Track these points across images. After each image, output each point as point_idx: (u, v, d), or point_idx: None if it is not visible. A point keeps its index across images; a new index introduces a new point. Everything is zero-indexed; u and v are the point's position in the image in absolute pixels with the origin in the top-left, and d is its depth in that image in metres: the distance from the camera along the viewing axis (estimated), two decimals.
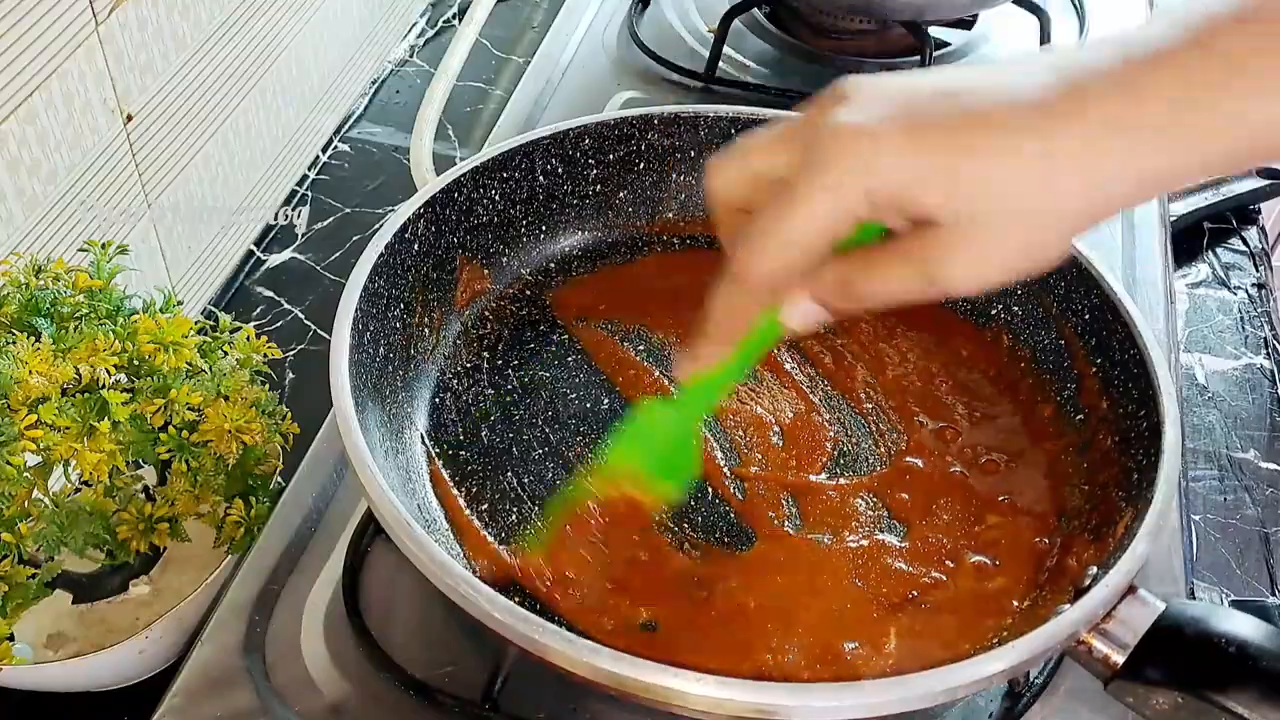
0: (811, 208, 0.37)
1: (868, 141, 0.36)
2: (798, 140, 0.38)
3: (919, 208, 0.36)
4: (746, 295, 0.41)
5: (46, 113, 0.63)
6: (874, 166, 0.36)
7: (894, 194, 0.36)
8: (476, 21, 0.96)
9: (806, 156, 0.37)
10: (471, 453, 0.57)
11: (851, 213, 0.37)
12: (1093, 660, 0.44)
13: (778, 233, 0.38)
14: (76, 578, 0.60)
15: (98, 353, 0.53)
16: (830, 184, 0.36)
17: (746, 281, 0.40)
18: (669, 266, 0.67)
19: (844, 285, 0.39)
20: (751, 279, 0.39)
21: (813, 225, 0.37)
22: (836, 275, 0.39)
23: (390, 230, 0.57)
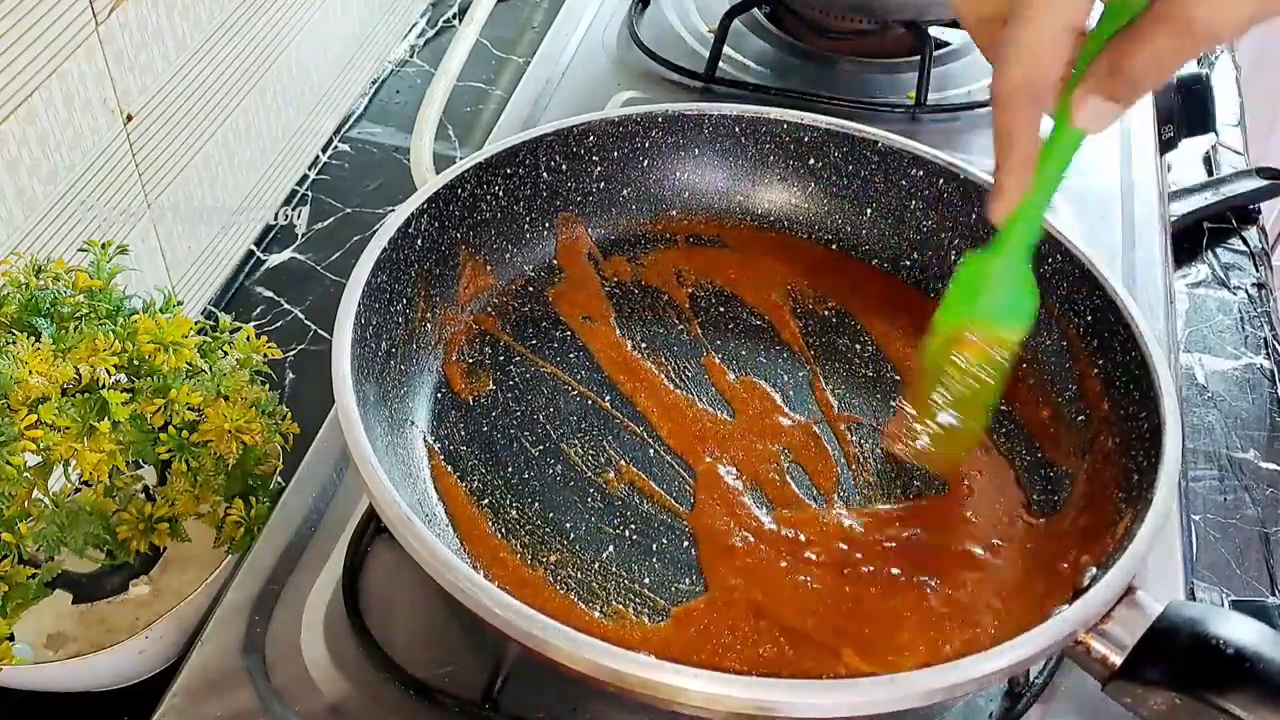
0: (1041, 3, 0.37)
1: None
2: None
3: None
4: (1023, 108, 0.41)
5: (46, 113, 0.63)
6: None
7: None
8: (476, 21, 0.96)
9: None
10: (473, 449, 0.57)
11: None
12: (1091, 661, 0.44)
13: (1025, 35, 0.38)
14: (76, 578, 0.60)
15: (98, 353, 0.53)
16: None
17: (1003, 98, 0.40)
18: (672, 265, 0.67)
19: (1116, 69, 0.39)
20: (1006, 94, 0.40)
21: (1052, 19, 0.37)
22: (1106, 62, 0.39)
23: (394, 225, 0.57)
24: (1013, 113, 0.41)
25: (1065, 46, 0.38)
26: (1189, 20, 0.37)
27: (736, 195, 0.69)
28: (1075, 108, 0.41)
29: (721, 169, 0.68)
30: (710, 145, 0.68)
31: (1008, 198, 0.44)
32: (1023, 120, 0.41)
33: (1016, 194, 0.44)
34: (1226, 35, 0.37)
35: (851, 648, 0.48)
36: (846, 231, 0.68)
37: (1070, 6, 0.37)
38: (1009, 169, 0.43)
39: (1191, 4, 0.36)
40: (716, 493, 0.55)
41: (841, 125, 0.66)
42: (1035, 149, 0.42)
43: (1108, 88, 0.40)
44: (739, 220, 0.69)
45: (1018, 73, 0.39)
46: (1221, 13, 0.37)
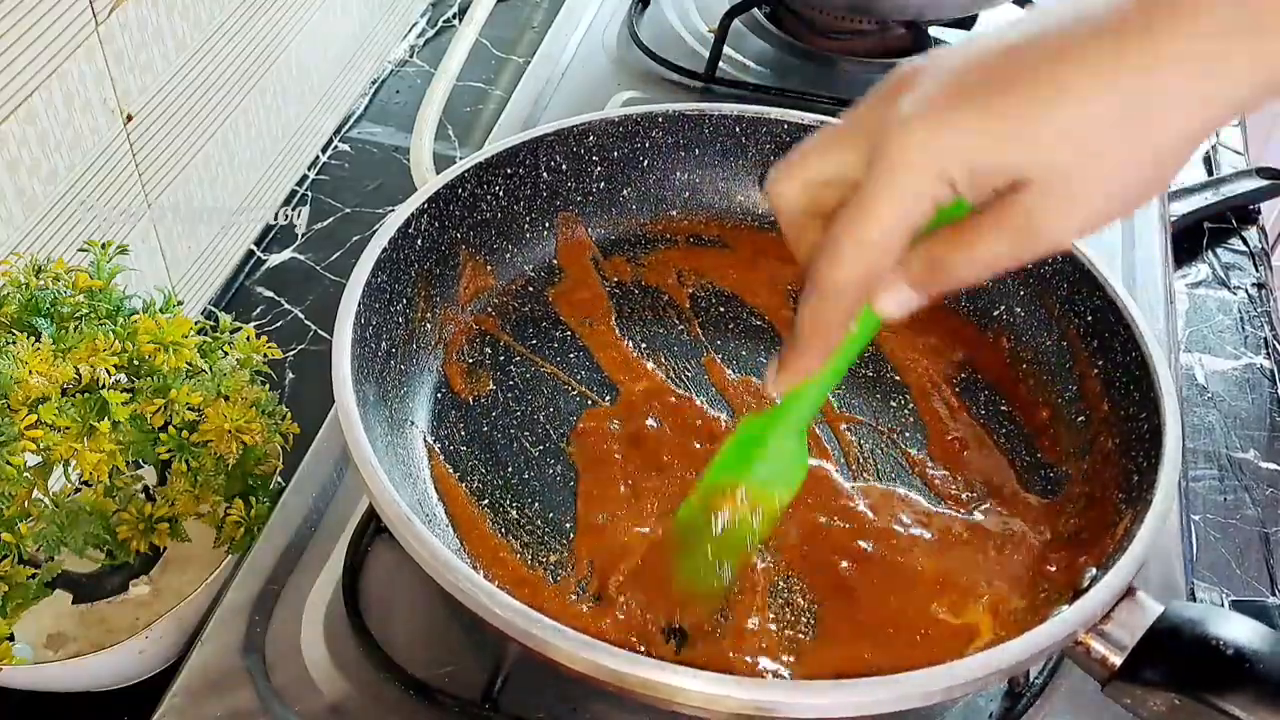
0: (889, 204, 0.36)
1: (936, 123, 0.35)
2: (860, 136, 0.37)
3: (1005, 172, 0.34)
4: (837, 304, 0.39)
5: (46, 113, 0.63)
6: (949, 147, 0.34)
7: (976, 167, 0.34)
8: (476, 21, 0.97)
9: (875, 152, 0.36)
10: (473, 449, 0.57)
11: (932, 199, 0.35)
12: (1091, 661, 0.44)
13: (858, 237, 0.37)
14: (76, 578, 0.60)
15: (98, 353, 0.53)
16: (908, 173, 0.35)
17: (833, 292, 0.38)
18: (672, 265, 0.67)
19: (938, 266, 0.38)
20: (838, 288, 0.38)
21: (893, 221, 0.36)
22: (928, 258, 0.38)
23: (394, 225, 0.57)
24: (838, 305, 0.39)
25: (903, 244, 0.37)
26: (1032, 230, 0.35)
27: (737, 195, 0.69)
28: (882, 296, 0.39)
29: (722, 169, 0.68)
30: (711, 145, 0.68)
31: (795, 378, 0.42)
32: (843, 312, 0.39)
33: (806, 376, 0.42)
34: (1067, 244, 0.36)
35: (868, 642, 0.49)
36: None
37: (918, 206, 0.36)
38: (809, 353, 0.41)
39: (1038, 215, 0.35)
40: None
41: None
42: (840, 339, 0.41)
43: (921, 280, 0.39)
44: (739, 220, 0.69)
45: (854, 268, 0.37)
46: (1071, 223, 0.35)
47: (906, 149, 0.35)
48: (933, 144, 0.35)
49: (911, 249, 0.37)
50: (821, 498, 0.55)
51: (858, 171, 0.37)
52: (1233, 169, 0.94)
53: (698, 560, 0.49)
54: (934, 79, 0.36)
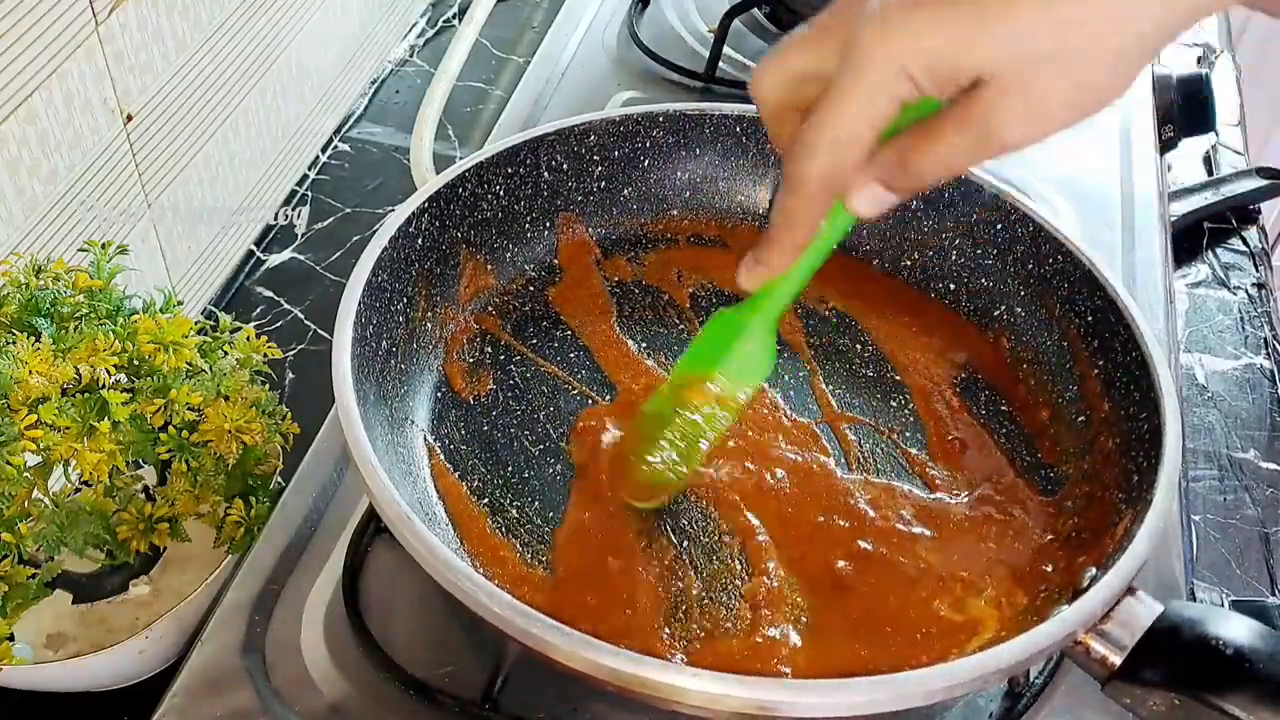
0: (856, 99, 0.37)
1: (901, 19, 0.36)
2: (833, 33, 0.39)
3: (966, 70, 0.36)
4: (808, 198, 0.40)
5: (46, 113, 0.63)
6: (915, 42, 0.36)
7: (938, 63, 0.36)
8: (476, 21, 0.97)
9: (845, 49, 0.37)
10: (473, 448, 0.57)
11: (898, 95, 0.37)
12: (1091, 661, 0.44)
13: (828, 130, 0.38)
14: (76, 578, 0.60)
15: (98, 353, 0.53)
16: (873, 71, 0.37)
17: (804, 184, 0.40)
18: (673, 264, 0.67)
19: (903, 162, 0.39)
20: (809, 181, 0.39)
21: (862, 116, 0.37)
22: (895, 154, 0.39)
23: (394, 224, 0.57)
24: (806, 199, 0.40)
25: (871, 140, 0.38)
26: (991, 130, 0.37)
27: (737, 195, 0.69)
28: (854, 194, 0.41)
29: (722, 169, 0.68)
30: (711, 145, 0.68)
31: (769, 272, 0.44)
32: (814, 207, 0.41)
33: (779, 270, 0.44)
34: (1025, 145, 0.37)
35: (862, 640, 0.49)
36: None
37: (883, 102, 0.37)
38: (781, 247, 0.43)
39: (997, 115, 0.36)
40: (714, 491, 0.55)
41: None
42: (813, 233, 0.42)
43: (891, 178, 0.40)
44: (740, 220, 0.69)
45: (824, 162, 0.39)
46: (1025, 129, 0.37)
47: (871, 46, 0.37)
48: (896, 41, 0.36)
49: (881, 147, 0.39)
50: (821, 496, 0.55)
51: (832, 67, 0.38)
52: (1233, 169, 0.94)
53: (662, 448, 0.51)
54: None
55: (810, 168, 0.39)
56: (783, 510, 0.54)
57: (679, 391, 0.51)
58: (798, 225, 0.42)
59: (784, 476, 0.56)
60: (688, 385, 0.51)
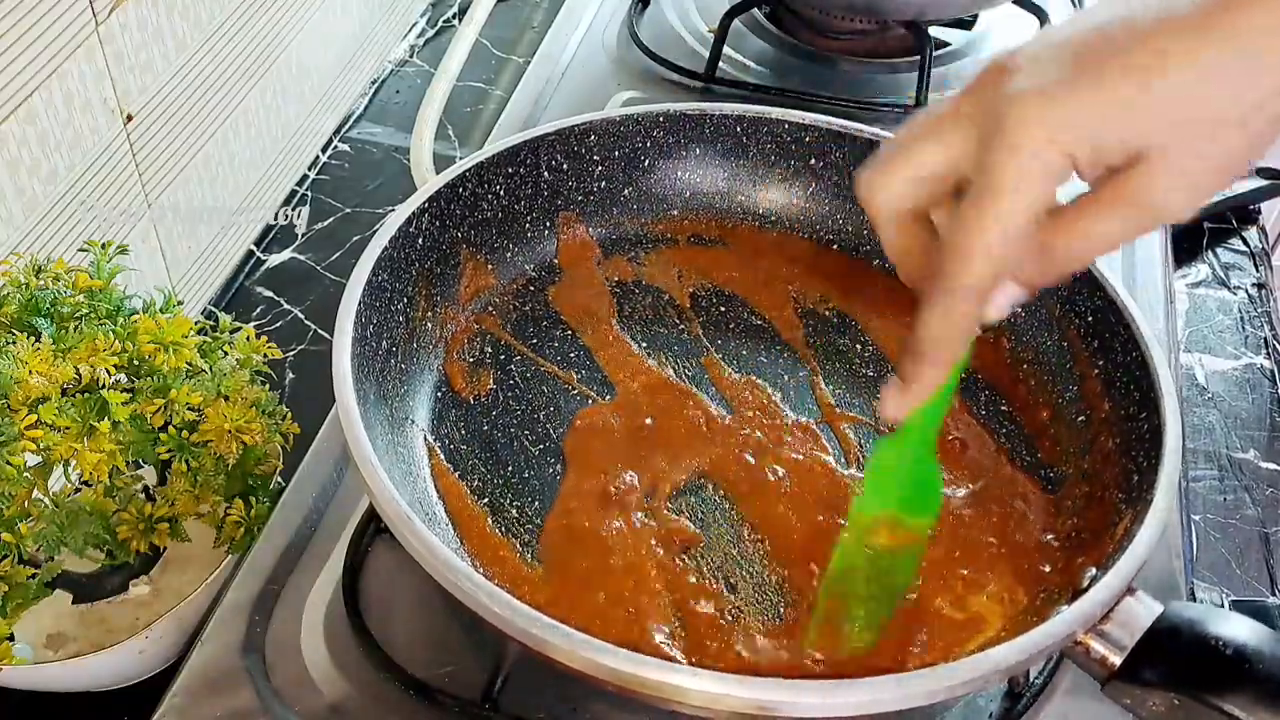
0: (1015, 189, 0.35)
1: (1052, 100, 0.34)
2: (968, 123, 0.36)
3: (1127, 144, 0.34)
4: (970, 303, 0.37)
5: (46, 113, 0.63)
6: (1071, 121, 0.34)
7: (1098, 140, 0.34)
8: (476, 21, 0.97)
9: (991, 138, 0.35)
10: (473, 448, 0.57)
11: (1056, 178, 0.35)
12: (1090, 661, 0.44)
13: (991, 229, 0.35)
14: (76, 578, 0.60)
15: (98, 353, 0.53)
16: (1029, 156, 0.34)
17: (967, 288, 0.37)
18: (673, 264, 0.67)
19: (1050, 252, 0.37)
20: (973, 283, 0.37)
21: (1023, 209, 0.35)
22: (1040, 247, 0.37)
23: (395, 224, 0.57)
24: (968, 304, 0.37)
25: (1031, 231, 0.36)
26: (1151, 205, 0.35)
27: (738, 195, 0.69)
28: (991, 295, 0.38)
29: (723, 169, 0.68)
30: (711, 145, 0.68)
31: (923, 394, 0.41)
32: (972, 315, 0.38)
33: (933, 389, 0.41)
34: (1181, 218, 0.36)
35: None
36: (848, 232, 0.68)
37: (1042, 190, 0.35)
38: (935, 363, 0.40)
39: (1158, 189, 0.35)
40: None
41: (843, 125, 0.66)
42: (966, 344, 0.39)
43: (1029, 272, 0.38)
44: (740, 220, 0.69)
45: (989, 261, 0.36)
46: (1192, 195, 0.35)
47: (1027, 127, 0.34)
48: (1053, 120, 0.34)
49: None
50: (822, 494, 0.55)
51: (966, 163, 0.36)
52: None
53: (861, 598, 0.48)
54: (1037, 61, 0.35)
55: (971, 274, 0.36)
56: (783, 508, 0.54)
57: (867, 538, 0.48)
58: (956, 334, 0.39)
59: (784, 475, 0.56)
60: (875, 530, 0.48)
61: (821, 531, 0.53)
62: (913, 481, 0.47)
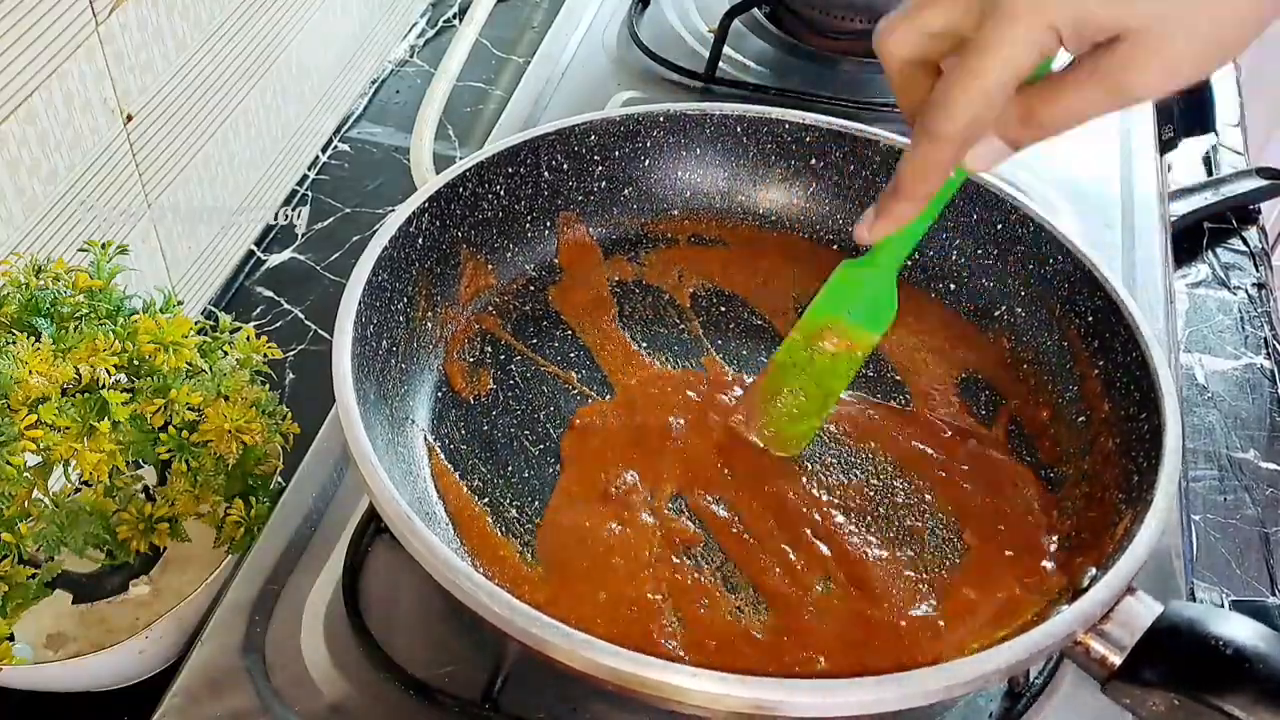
0: (1000, 54, 0.38)
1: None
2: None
3: (1109, 24, 0.37)
4: (946, 148, 0.42)
5: (46, 113, 0.63)
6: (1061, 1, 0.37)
7: (1084, 17, 0.37)
8: (476, 21, 0.97)
9: (987, 5, 0.38)
10: (473, 448, 0.57)
11: (1040, 48, 0.38)
12: (1090, 661, 0.44)
13: (970, 85, 0.39)
14: (76, 578, 0.60)
15: (98, 353, 0.53)
16: (1019, 24, 0.38)
17: (945, 137, 0.41)
18: (673, 264, 0.67)
19: (1029, 115, 0.41)
20: (949, 133, 0.41)
21: (1003, 71, 0.39)
22: (1021, 109, 0.40)
23: (395, 224, 0.57)
24: (945, 149, 0.42)
25: (1011, 93, 0.40)
26: (1125, 83, 0.38)
27: (738, 195, 0.69)
28: (973, 150, 0.43)
29: (723, 169, 0.68)
30: (712, 145, 0.68)
31: (893, 224, 0.46)
32: (948, 159, 0.42)
33: (906, 220, 0.45)
34: (1153, 98, 0.39)
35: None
36: (848, 232, 0.68)
37: (1026, 55, 0.38)
38: (909, 198, 0.44)
39: (1133, 68, 0.38)
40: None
41: (843, 125, 0.67)
42: (940, 185, 0.44)
43: (1013, 131, 0.42)
44: (740, 220, 0.69)
45: (966, 114, 0.40)
46: (1162, 77, 0.38)
47: (1017, 2, 0.38)
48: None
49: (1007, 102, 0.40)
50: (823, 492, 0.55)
51: (967, 25, 0.39)
52: (1233, 169, 0.94)
53: (798, 395, 0.54)
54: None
55: (951, 120, 0.40)
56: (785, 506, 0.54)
57: (812, 340, 0.54)
58: (931, 174, 0.43)
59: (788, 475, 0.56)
60: (820, 330, 0.53)
61: (825, 526, 0.53)
62: (869, 298, 0.52)
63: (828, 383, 0.54)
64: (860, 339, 0.53)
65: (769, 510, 0.54)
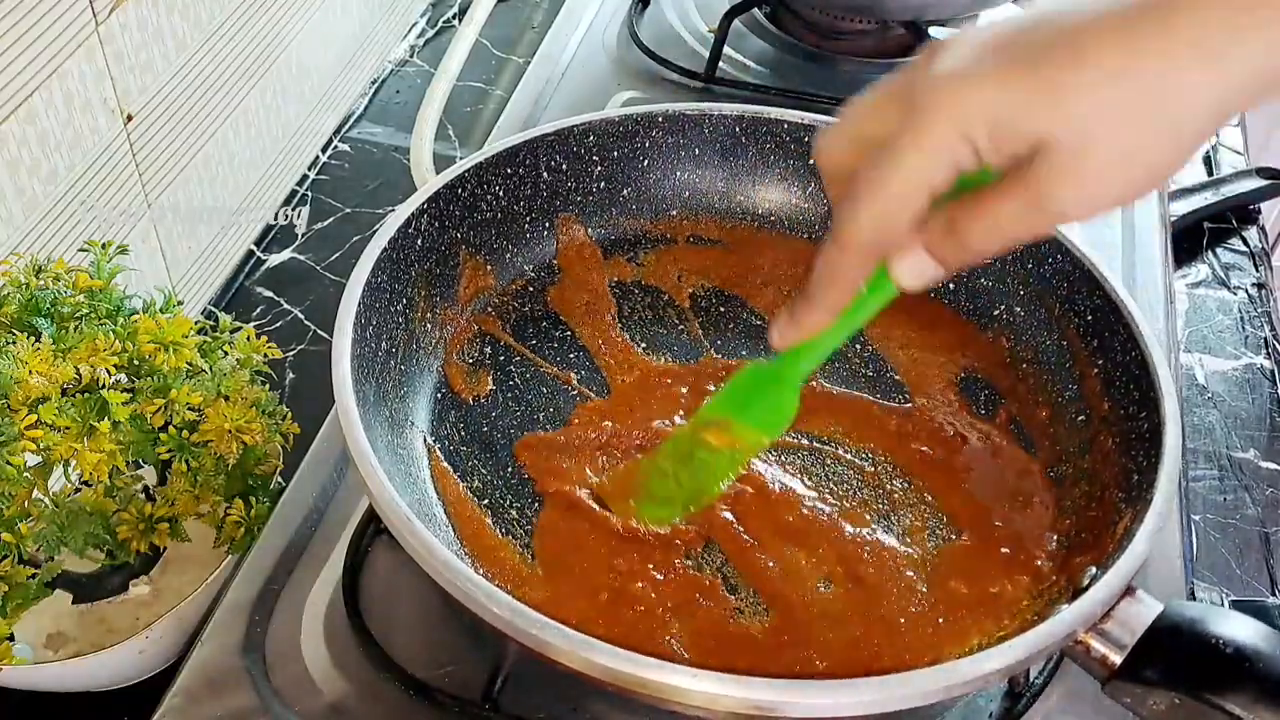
0: (912, 160, 0.37)
1: (962, 84, 0.36)
2: (898, 96, 0.38)
3: (1026, 134, 0.35)
4: (852, 258, 0.40)
5: (46, 113, 0.63)
6: (973, 104, 0.35)
7: (996, 127, 0.35)
8: (476, 21, 0.97)
9: (907, 113, 0.37)
10: (473, 449, 0.57)
11: (955, 159, 0.36)
12: (1091, 660, 0.44)
13: (879, 187, 0.38)
14: (76, 578, 0.60)
15: (98, 353, 0.53)
16: (932, 132, 0.36)
17: (850, 245, 0.39)
18: (672, 265, 0.67)
19: (952, 229, 0.39)
20: (855, 240, 0.39)
21: (915, 176, 0.37)
22: (945, 222, 0.39)
23: (394, 225, 0.57)
24: (850, 258, 0.40)
25: (922, 203, 0.38)
26: (1045, 197, 0.36)
27: (737, 195, 0.69)
28: (899, 259, 0.40)
29: (722, 169, 0.68)
30: (711, 145, 0.68)
31: (800, 332, 0.43)
32: (856, 265, 0.40)
33: (812, 331, 0.43)
34: (1078, 218, 0.36)
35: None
36: None
37: (939, 165, 0.37)
38: (818, 308, 0.42)
39: (1053, 181, 0.36)
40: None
41: None
42: (852, 294, 0.42)
43: (938, 246, 0.39)
44: (739, 220, 0.69)
45: (871, 218, 0.38)
46: (1083, 194, 0.36)
47: (932, 106, 0.36)
48: (957, 101, 0.36)
49: (932, 214, 0.38)
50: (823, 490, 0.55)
51: (892, 128, 0.38)
52: (1233, 169, 0.94)
53: (677, 483, 0.52)
54: (965, 46, 0.37)
55: (857, 223, 0.38)
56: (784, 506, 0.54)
57: (699, 432, 0.51)
58: (838, 284, 0.41)
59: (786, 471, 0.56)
60: (708, 428, 0.51)
61: (826, 524, 0.53)
62: (767, 403, 0.50)
63: (701, 478, 0.52)
64: (747, 440, 0.51)
65: (768, 511, 0.54)
